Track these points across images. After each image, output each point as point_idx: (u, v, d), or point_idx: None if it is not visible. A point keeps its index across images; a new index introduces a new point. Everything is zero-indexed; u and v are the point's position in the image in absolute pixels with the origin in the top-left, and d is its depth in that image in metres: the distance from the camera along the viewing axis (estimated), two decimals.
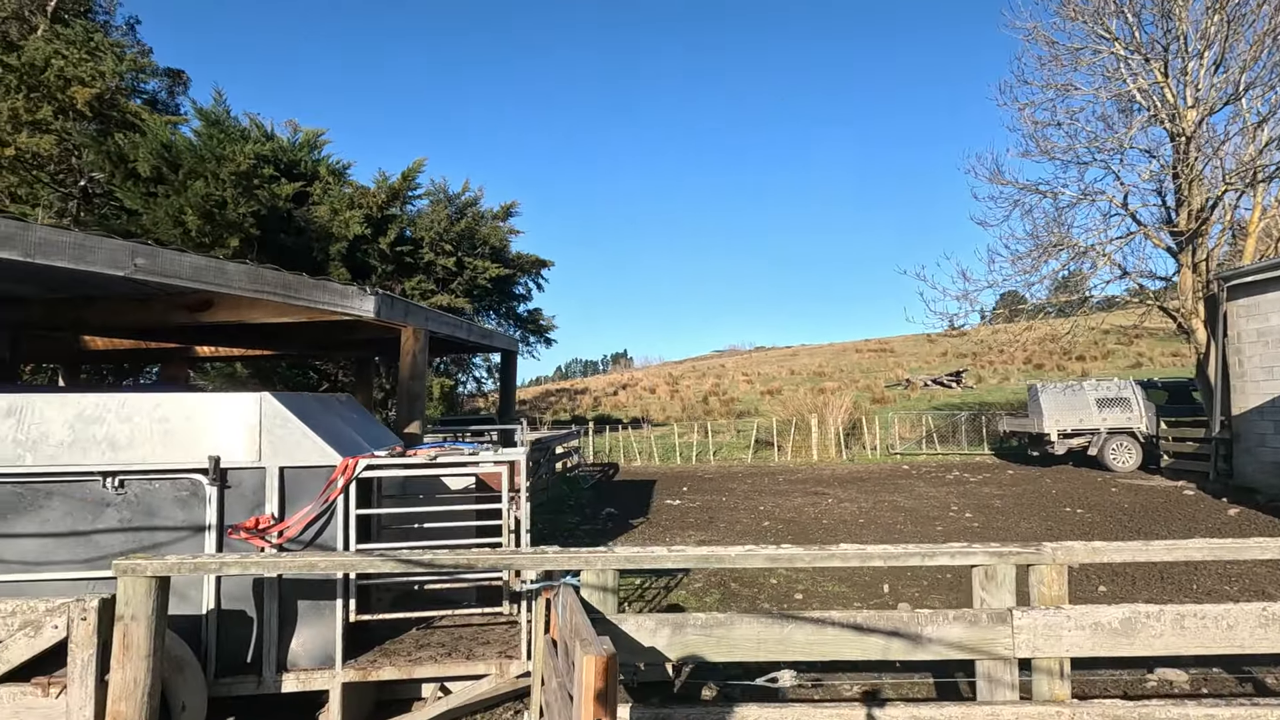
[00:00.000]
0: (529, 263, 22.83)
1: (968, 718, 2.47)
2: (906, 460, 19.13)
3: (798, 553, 2.69)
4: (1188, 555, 2.74)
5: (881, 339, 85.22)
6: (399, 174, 18.89)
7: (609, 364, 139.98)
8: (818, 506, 11.75)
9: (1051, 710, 2.55)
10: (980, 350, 61.41)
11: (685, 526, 9.84)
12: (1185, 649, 2.59)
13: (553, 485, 12.68)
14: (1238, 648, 2.61)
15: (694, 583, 6.74)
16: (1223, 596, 6.12)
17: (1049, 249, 16.42)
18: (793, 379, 50.22)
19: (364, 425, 4.59)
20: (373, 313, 4.68)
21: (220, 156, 15.17)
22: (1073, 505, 11.45)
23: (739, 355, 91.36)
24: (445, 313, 6.33)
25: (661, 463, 20.11)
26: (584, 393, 55.19)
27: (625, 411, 40.83)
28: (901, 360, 59.52)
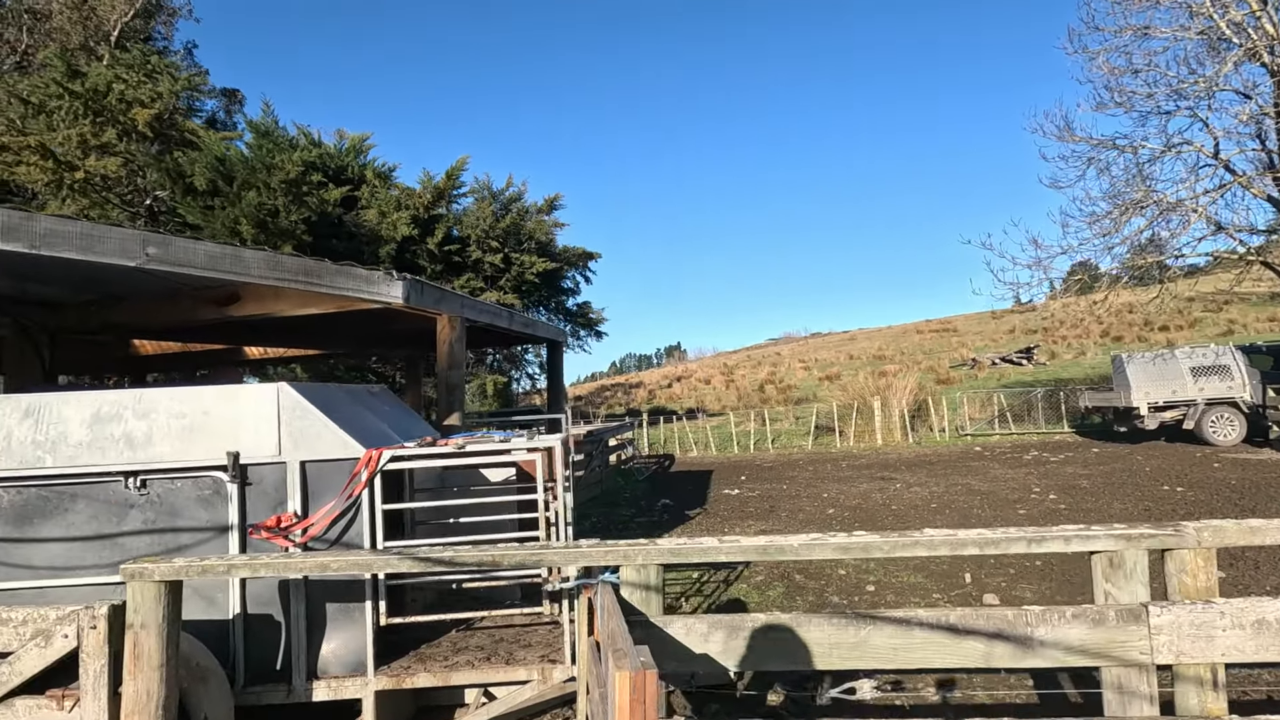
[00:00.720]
0: (576, 256, 22.67)
1: None
2: (978, 441, 18.10)
3: (873, 540, 2.27)
4: None
5: (943, 319, 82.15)
6: (443, 173, 18.98)
7: (663, 357, 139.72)
8: (885, 492, 11.11)
9: None
10: (1051, 325, 58.47)
11: (744, 516, 9.40)
12: None
13: (607, 478, 12.43)
14: None
15: (755, 575, 6.32)
16: None
17: (1130, 207, 15.15)
18: (852, 363, 48.80)
19: (397, 417, 4.36)
20: (401, 298, 4.44)
21: (270, 166, 15.48)
22: (1171, 483, 10.47)
23: (795, 342, 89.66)
24: (481, 300, 6.06)
25: (718, 453, 19.65)
26: (639, 386, 55.11)
27: (680, 403, 40.44)
28: (965, 340, 57.16)
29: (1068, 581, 5.73)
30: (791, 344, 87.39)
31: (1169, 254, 15.53)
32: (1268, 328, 39.09)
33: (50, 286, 4.01)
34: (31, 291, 4.04)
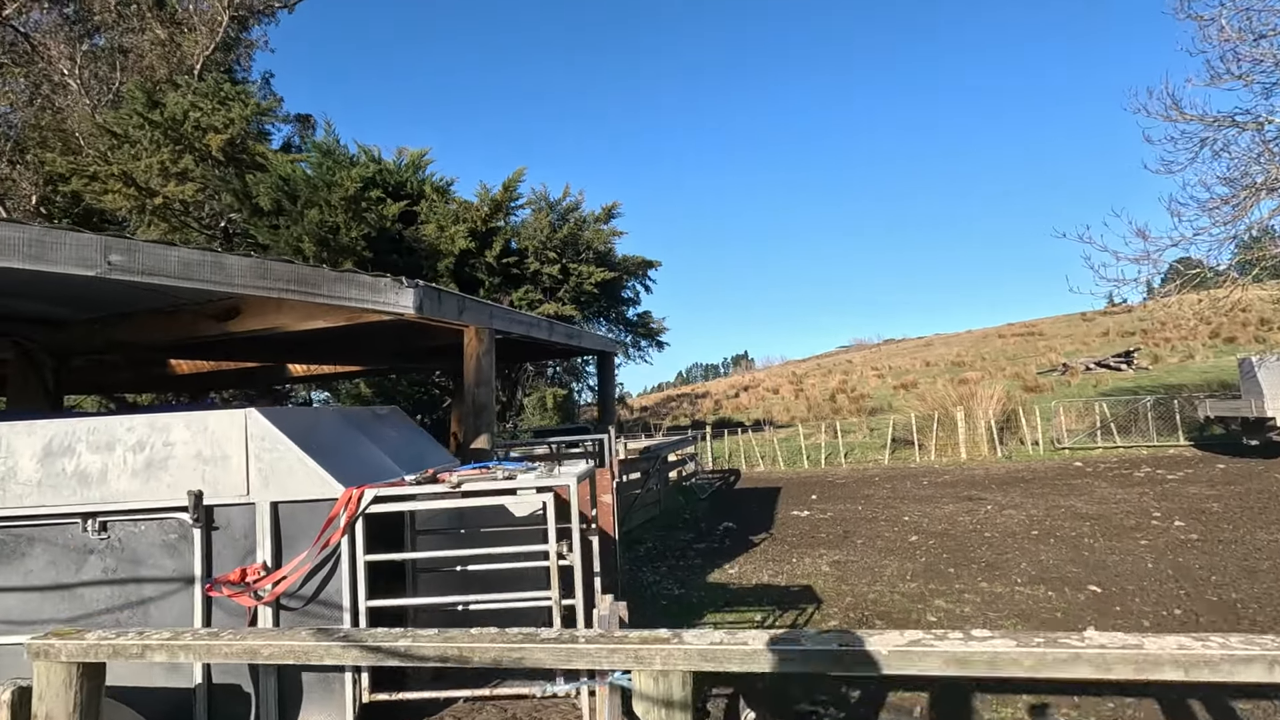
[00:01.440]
0: (635, 264, 22.16)
1: None
2: (1078, 455, 16.39)
3: (1003, 649, 1.50)
4: None
5: (1027, 322, 77.56)
6: (500, 185, 18.87)
7: (729, 366, 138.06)
8: (975, 515, 9.95)
9: None
10: (1151, 326, 54.17)
11: (815, 544, 8.51)
12: None
13: (666, 497, 11.73)
14: None
15: (829, 620, 5.49)
16: None
17: (1258, 190, 13.36)
18: (928, 371, 46.41)
19: (406, 444, 3.83)
20: (412, 308, 3.92)
21: (331, 184, 15.66)
22: None
23: (867, 349, 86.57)
24: (516, 310, 5.51)
25: (787, 467, 18.61)
26: (704, 396, 54.20)
27: (747, 414, 39.33)
28: (1053, 343, 53.56)
29: None
30: (863, 351, 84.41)
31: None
32: None
33: (42, 304, 3.70)
34: (24, 309, 3.75)
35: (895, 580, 6.55)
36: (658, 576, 7.12)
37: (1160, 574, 6.33)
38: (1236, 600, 5.46)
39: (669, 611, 5.85)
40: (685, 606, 6.01)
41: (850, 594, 6.17)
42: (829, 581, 6.62)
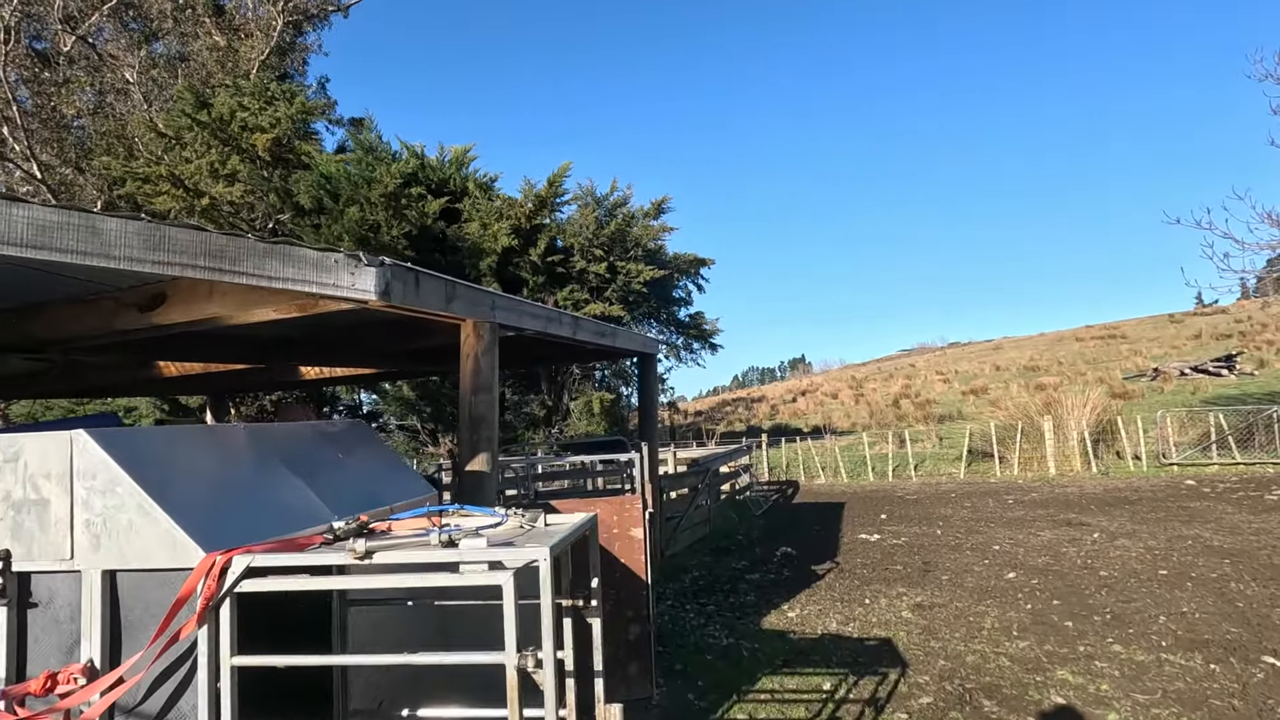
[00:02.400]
0: (686, 263, 21.09)
1: None
2: (1189, 473, 14.42)
3: None
4: None
5: (1108, 324, 72.95)
6: (544, 181, 18.11)
7: (786, 370, 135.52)
8: (1080, 546, 8.48)
9: None
10: (1250, 329, 49.87)
11: (890, 579, 7.26)
12: None
13: (716, 514, 10.62)
14: None
15: (918, 694, 4.31)
16: None
17: None
18: (999, 375, 43.74)
19: (360, 473, 2.91)
20: (375, 293, 3.00)
21: (371, 180, 15.19)
22: None
23: (930, 353, 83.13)
24: (528, 301, 4.55)
25: (849, 479, 17.17)
26: (760, 401, 52.71)
27: (805, 420, 37.72)
28: (1137, 346, 49.83)
29: None
30: (926, 355, 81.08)
31: None
32: None
33: None
34: None
35: (998, 636, 5.29)
36: (703, 618, 6.04)
37: None
38: None
39: (713, 670, 4.78)
40: (734, 662, 4.92)
41: (943, 654, 4.95)
42: (913, 634, 5.41)
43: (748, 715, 4.10)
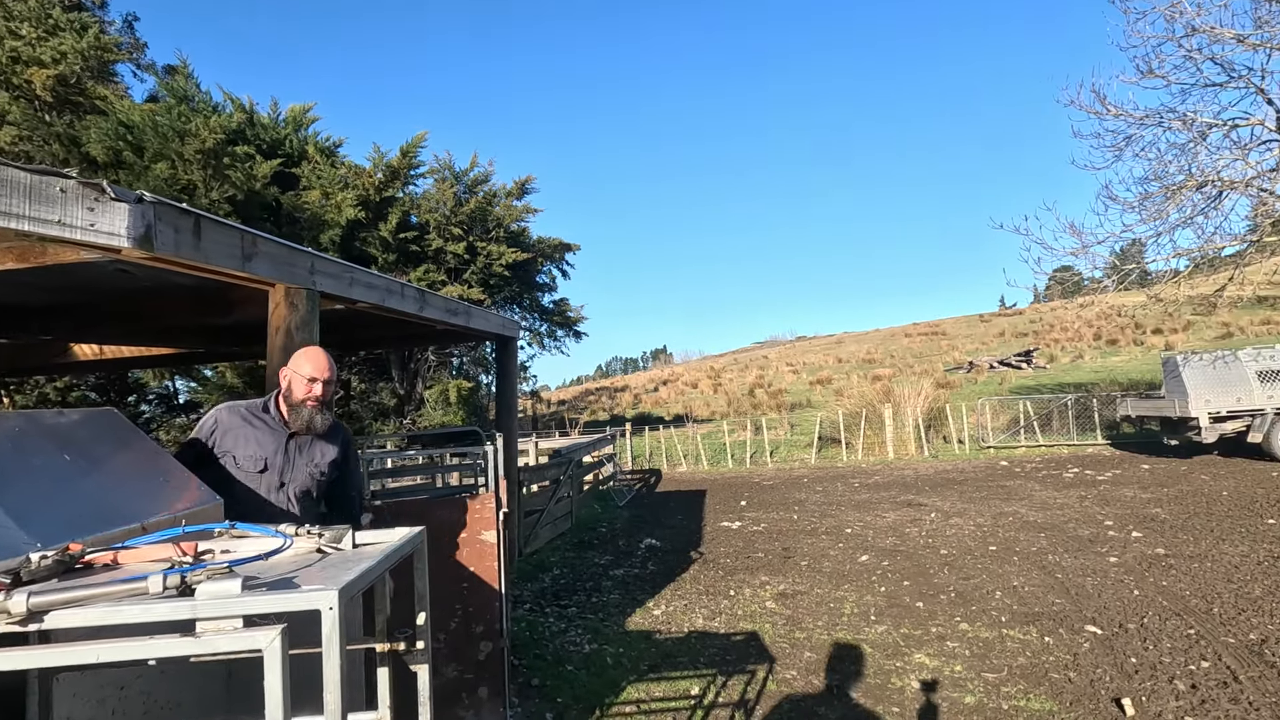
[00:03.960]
0: (551, 247, 20.43)
1: None
2: (1003, 455, 16.09)
3: None
4: None
5: (931, 321, 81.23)
6: (397, 150, 16.67)
7: (649, 360, 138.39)
8: (921, 526, 9.01)
9: None
10: (1040, 328, 57.48)
11: (754, 567, 7.23)
12: None
13: (580, 505, 10.22)
14: None
15: (787, 690, 4.14)
16: None
17: (1178, 190, 13.22)
18: (841, 367, 47.15)
19: (101, 480, 2.14)
20: (127, 238, 2.24)
21: (185, 133, 13.12)
22: (1266, 514, 8.48)
23: (781, 345, 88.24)
24: (360, 267, 3.83)
25: (710, 467, 17.48)
26: (624, 390, 53.14)
27: (667, 408, 38.37)
28: (955, 342, 55.90)
29: None
30: (778, 347, 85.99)
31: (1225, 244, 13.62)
32: (1263, 330, 37.87)
33: None
34: None
35: (858, 622, 5.32)
36: (564, 622, 5.60)
37: (1153, 604, 5.40)
38: (1259, 642, 4.52)
39: (575, 682, 4.35)
40: (597, 671, 4.53)
41: (808, 644, 4.87)
42: (778, 625, 5.31)
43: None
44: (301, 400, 2.70)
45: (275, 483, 2.71)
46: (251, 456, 2.68)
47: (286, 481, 2.73)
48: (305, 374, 2.70)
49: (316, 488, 2.83)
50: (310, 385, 2.69)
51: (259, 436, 2.71)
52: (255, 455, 2.68)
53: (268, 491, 2.69)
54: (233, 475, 2.65)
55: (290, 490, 2.73)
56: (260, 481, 2.68)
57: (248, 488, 2.67)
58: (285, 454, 2.74)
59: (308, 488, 2.78)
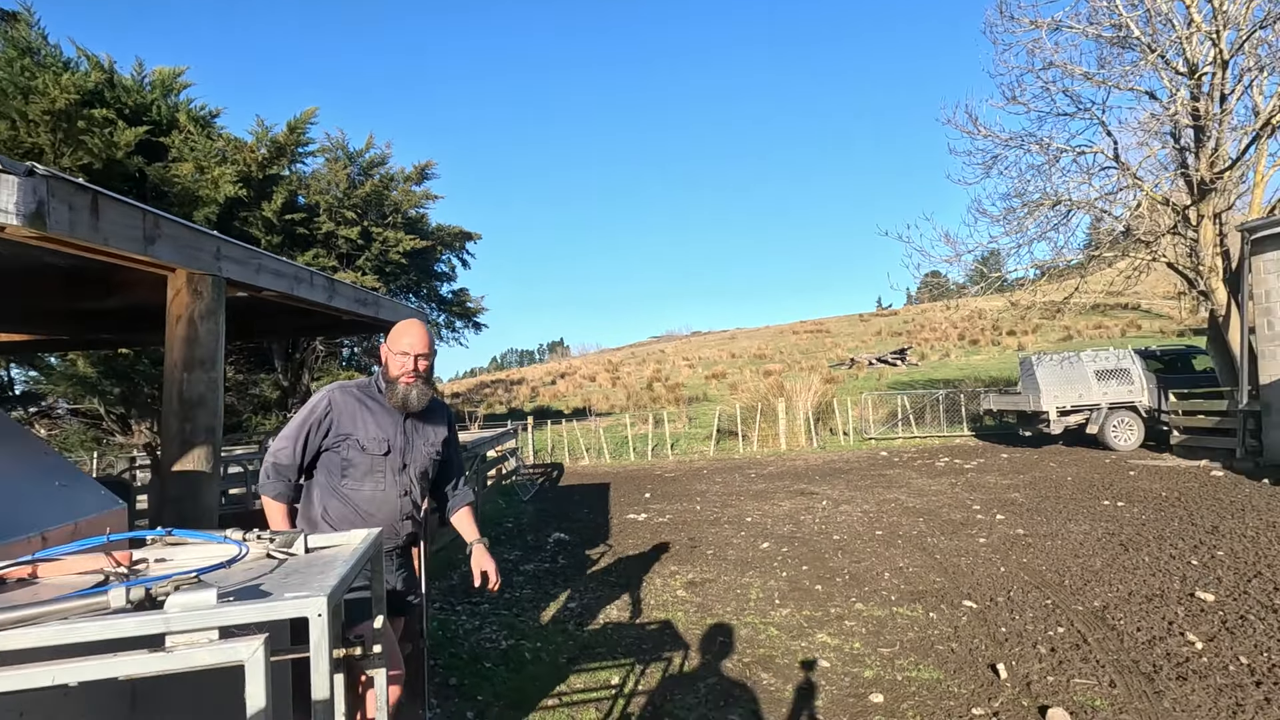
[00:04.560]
0: (451, 235, 19.80)
1: None
2: (883, 445, 17.33)
3: None
4: None
5: (817, 320, 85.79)
6: (284, 125, 15.55)
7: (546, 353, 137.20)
8: (814, 513, 9.56)
9: None
10: (913, 329, 62.16)
11: (663, 558, 7.41)
12: None
13: (484, 501, 10.04)
14: None
15: (703, 675, 4.31)
16: None
17: (1035, 207, 14.74)
18: (735, 362, 48.86)
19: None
20: (15, 215, 2.01)
21: (28, 90, 11.62)
22: (1105, 496, 9.66)
23: (677, 340, 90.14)
24: (269, 254, 3.61)
25: (613, 460, 17.65)
26: (520, 383, 52.44)
27: (566, 402, 38.25)
28: (839, 340, 59.41)
29: (1135, 670, 4.17)
30: (674, 342, 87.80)
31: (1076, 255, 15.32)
32: (1097, 333, 43.02)
33: None
34: None
35: (764, 606, 5.60)
36: (477, 619, 5.53)
37: (1017, 579, 6.05)
38: (1102, 608, 5.19)
39: (494, 679, 4.32)
40: (516, 667, 4.51)
41: (720, 631, 5.07)
42: (690, 613, 5.49)
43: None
44: (396, 377, 2.60)
45: (399, 464, 2.64)
46: (375, 439, 2.60)
47: (409, 463, 2.67)
48: (400, 349, 2.60)
49: (432, 468, 2.78)
50: (405, 360, 2.59)
51: (377, 418, 2.62)
52: (378, 437, 2.60)
53: (393, 474, 2.63)
54: (355, 460, 2.58)
55: (412, 471, 2.68)
56: (385, 464, 2.61)
57: (373, 472, 2.60)
58: (404, 434, 2.67)
59: (425, 468, 2.74)
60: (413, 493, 2.69)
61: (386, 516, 2.60)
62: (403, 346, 2.61)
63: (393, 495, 2.62)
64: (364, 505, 2.59)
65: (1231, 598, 5.21)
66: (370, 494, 2.58)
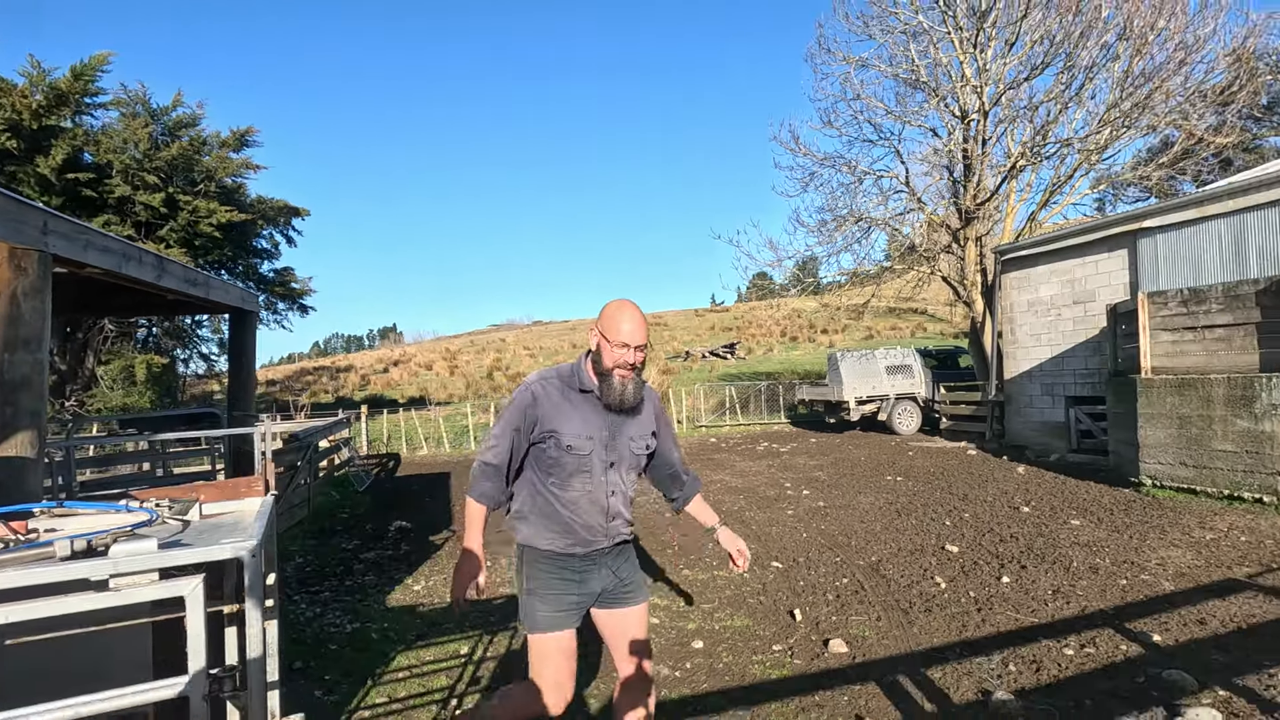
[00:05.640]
0: (275, 210, 18.24)
1: None
2: (713, 432, 18.76)
3: None
4: None
5: (655, 313, 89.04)
6: (68, 70, 13.48)
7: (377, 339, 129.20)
8: (650, 494, 10.28)
9: None
10: (742, 325, 66.79)
11: (506, 539, 7.68)
12: None
13: (316, 493, 9.62)
14: None
15: None
16: None
17: (843, 222, 16.77)
18: (576, 352, 49.34)
19: None
20: None
21: None
22: (889, 473, 11.39)
23: (518, 329, 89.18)
24: (97, 229, 3.44)
25: (454, 450, 17.42)
26: (349, 370, 49.23)
27: (401, 391, 36.67)
28: (675, 333, 62.29)
29: (896, 606, 5.18)
30: (515, 330, 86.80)
31: (872, 266, 17.57)
32: (892, 333, 49.20)
33: None
34: None
35: None
36: (318, 607, 5.48)
37: (815, 543, 7.09)
38: (878, 562, 6.29)
39: (341, 659, 4.40)
40: (363, 647, 4.61)
41: None
42: None
43: (387, 697, 3.92)
44: (610, 370, 2.32)
45: (606, 462, 2.40)
46: (579, 435, 2.36)
47: (616, 461, 2.42)
48: (620, 339, 2.29)
49: (639, 463, 2.55)
50: (624, 353, 2.30)
51: (582, 413, 2.37)
52: (582, 433, 2.36)
53: (602, 473, 2.40)
54: (560, 459, 2.35)
55: (621, 471, 2.45)
56: (592, 463, 2.38)
57: (579, 472, 2.38)
58: (609, 429, 2.40)
59: (634, 464, 2.51)
60: (622, 491, 2.48)
61: (593, 517, 2.41)
62: (623, 336, 2.29)
63: (600, 495, 2.41)
64: (570, 505, 2.40)
65: (970, 549, 6.56)
66: (577, 494, 2.39)
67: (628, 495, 2.52)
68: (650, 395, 2.58)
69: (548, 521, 2.43)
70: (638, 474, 2.59)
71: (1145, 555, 6.03)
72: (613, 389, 2.34)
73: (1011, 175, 14.26)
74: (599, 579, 2.48)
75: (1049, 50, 12.56)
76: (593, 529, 2.42)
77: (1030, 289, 13.36)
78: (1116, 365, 10.16)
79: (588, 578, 2.46)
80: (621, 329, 2.30)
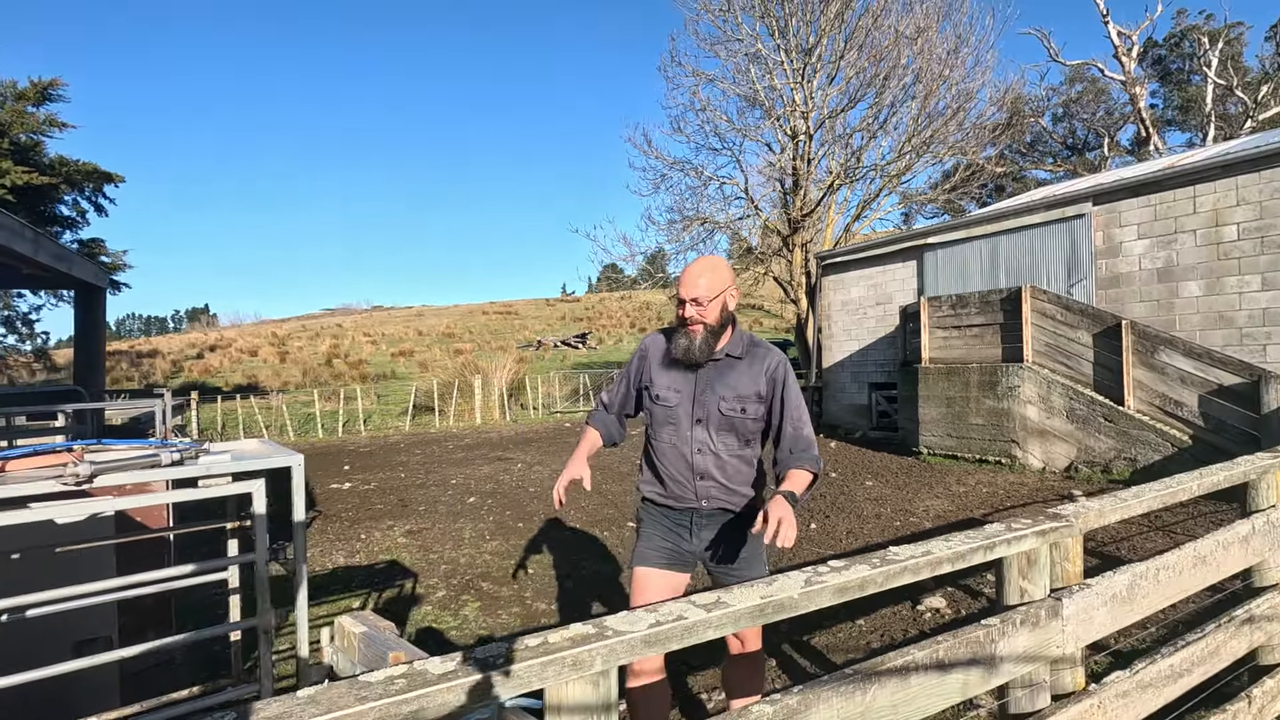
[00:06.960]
0: (81, 173, 16.25)
1: None
2: (567, 418, 19.53)
3: (866, 574, 1.80)
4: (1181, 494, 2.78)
5: (506, 302, 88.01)
6: None
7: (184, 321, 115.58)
8: (512, 474, 10.89)
9: (1087, 706, 2.19)
10: (592, 315, 68.22)
11: (376, 516, 7.96)
12: (1158, 605, 2.52)
13: None
14: (1183, 591, 2.63)
15: (434, 591, 5.25)
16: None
17: (690, 222, 18.25)
18: (422, 340, 48.06)
19: None
20: None
21: None
22: None
23: (356, 314, 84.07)
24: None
25: (299, 437, 16.70)
26: (154, 355, 44.02)
27: (224, 378, 33.71)
28: (526, 323, 62.30)
29: None
30: (352, 315, 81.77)
31: None
32: (754, 327, 52.93)
33: None
34: None
35: (478, 541, 6.70)
36: None
37: None
38: None
39: None
40: (249, 612, 4.88)
41: (441, 561, 6.04)
42: (413, 552, 6.32)
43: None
44: (676, 325, 2.36)
45: (693, 417, 2.38)
46: (666, 387, 2.41)
47: (704, 418, 2.37)
48: (679, 293, 2.30)
49: (732, 425, 2.38)
50: (683, 307, 2.29)
51: (678, 367, 2.40)
52: (669, 386, 2.40)
53: (689, 427, 2.38)
54: (653, 410, 2.43)
55: (710, 429, 2.37)
56: (679, 415, 2.39)
57: (666, 423, 2.41)
58: (696, 384, 2.38)
59: (723, 425, 2.37)
60: (711, 450, 2.38)
61: (680, 470, 2.40)
62: (680, 290, 2.32)
63: (686, 449, 2.38)
64: (660, 455, 2.44)
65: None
66: (666, 445, 2.41)
67: (722, 458, 2.38)
68: (766, 358, 2.45)
69: (649, 469, 2.57)
70: (740, 439, 2.41)
71: (916, 504, 7.69)
72: (678, 344, 2.36)
73: (830, 192, 16.41)
74: (690, 541, 2.45)
75: (859, 88, 14.72)
76: (681, 483, 2.41)
77: (844, 291, 15.51)
78: (905, 356, 12.29)
79: (681, 533, 2.46)
80: (681, 283, 2.33)
